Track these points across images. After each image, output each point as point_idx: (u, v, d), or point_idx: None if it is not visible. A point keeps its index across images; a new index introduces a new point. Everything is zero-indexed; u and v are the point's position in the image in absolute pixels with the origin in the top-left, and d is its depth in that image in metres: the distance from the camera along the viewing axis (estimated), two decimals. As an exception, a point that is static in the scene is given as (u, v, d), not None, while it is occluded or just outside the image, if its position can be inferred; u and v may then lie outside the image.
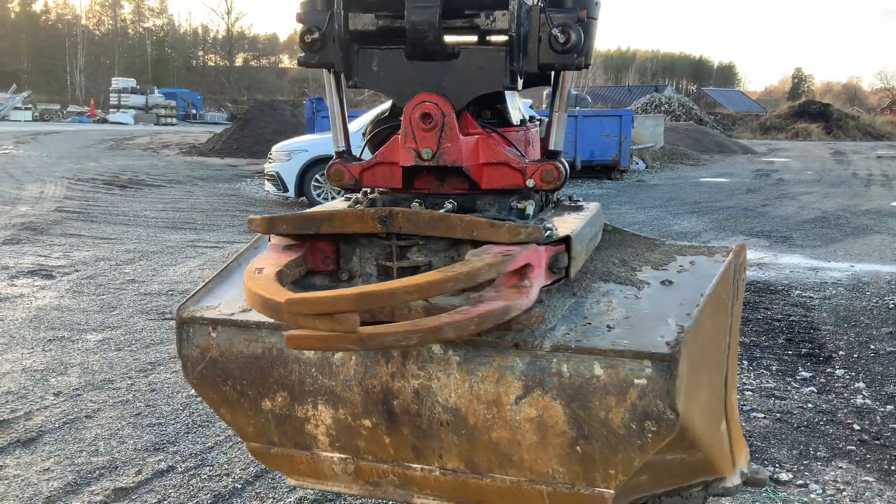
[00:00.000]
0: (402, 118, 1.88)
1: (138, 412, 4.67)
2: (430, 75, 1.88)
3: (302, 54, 1.96)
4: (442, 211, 1.87)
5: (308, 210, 1.96)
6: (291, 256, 1.80)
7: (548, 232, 1.76)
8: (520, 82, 1.91)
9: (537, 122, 2.32)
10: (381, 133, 2.10)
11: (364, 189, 2.11)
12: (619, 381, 1.57)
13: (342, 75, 1.99)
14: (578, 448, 1.64)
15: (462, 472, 1.79)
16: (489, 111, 2.11)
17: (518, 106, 2.20)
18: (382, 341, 1.38)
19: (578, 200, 2.23)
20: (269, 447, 1.99)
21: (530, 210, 1.97)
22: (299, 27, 1.93)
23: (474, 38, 1.94)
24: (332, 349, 1.68)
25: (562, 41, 1.79)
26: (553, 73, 1.98)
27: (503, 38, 1.85)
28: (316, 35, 1.90)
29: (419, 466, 1.83)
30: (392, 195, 2.04)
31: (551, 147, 2.00)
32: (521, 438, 1.67)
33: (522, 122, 2.20)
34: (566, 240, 1.78)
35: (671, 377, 1.55)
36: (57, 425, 4.46)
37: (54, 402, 4.81)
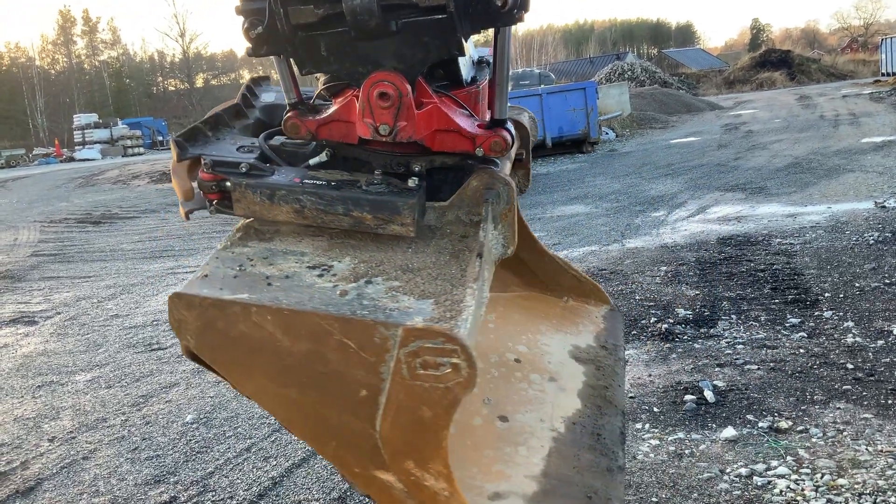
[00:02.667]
0: (359, 88, 1.91)
1: (135, 447, 4.63)
2: (380, 52, 1.91)
3: (249, 46, 1.97)
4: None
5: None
6: None
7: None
8: (465, 46, 1.95)
9: (486, 66, 2.35)
10: (337, 87, 2.12)
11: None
12: None
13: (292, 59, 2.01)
14: None
15: None
16: (442, 71, 2.13)
17: (469, 56, 2.21)
18: None
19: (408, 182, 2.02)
20: None
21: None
22: (241, 20, 1.93)
23: (416, 11, 1.94)
24: None
25: (499, 4, 1.83)
26: (494, 31, 2.00)
27: (444, 7, 1.87)
28: (260, 29, 1.91)
29: None
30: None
31: (497, 116, 2.02)
32: None
33: (474, 79, 2.23)
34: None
35: None
36: (55, 471, 4.41)
37: (50, 447, 4.76)
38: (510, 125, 2.02)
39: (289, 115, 2.05)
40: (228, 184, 1.98)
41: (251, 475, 4.09)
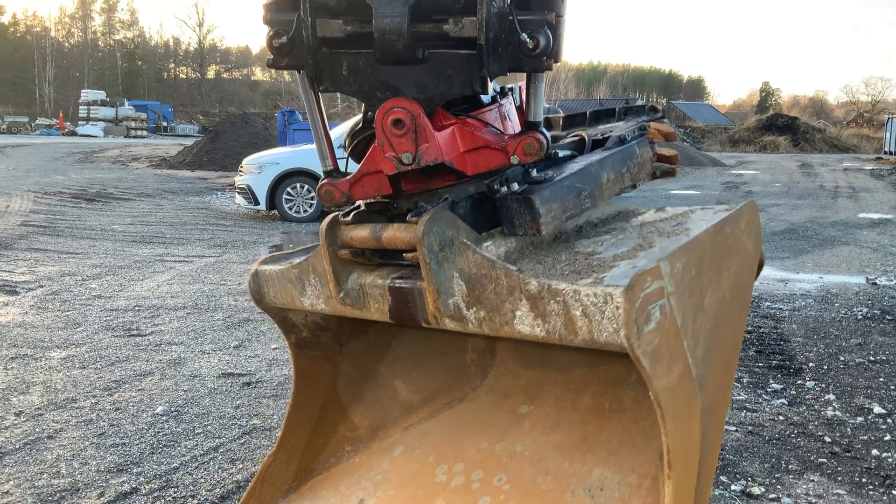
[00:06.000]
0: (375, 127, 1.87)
1: (102, 432, 4.56)
2: (401, 79, 1.87)
3: (271, 56, 1.94)
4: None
5: None
6: None
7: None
8: (489, 85, 1.91)
9: (509, 92, 2.30)
10: (361, 144, 2.08)
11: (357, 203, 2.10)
12: None
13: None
14: None
15: None
16: (460, 98, 2.09)
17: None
18: None
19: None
20: None
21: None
22: (266, 29, 1.91)
23: (444, 42, 1.91)
24: None
25: (531, 46, 1.79)
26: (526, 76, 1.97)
27: (473, 42, 1.83)
28: (284, 39, 1.87)
29: None
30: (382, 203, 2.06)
31: (530, 119, 1.96)
32: None
33: (494, 99, 2.18)
34: None
35: None
36: (17, 446, 4.33)
37: (15, 422, 4.68)
38: (545, 130, 1.94)
39: (323, 182, 2.03)
40: None
41: (216, 476, 4.03)
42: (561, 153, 2.16)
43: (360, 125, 2.08)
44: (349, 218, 2.02)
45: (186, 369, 5.71)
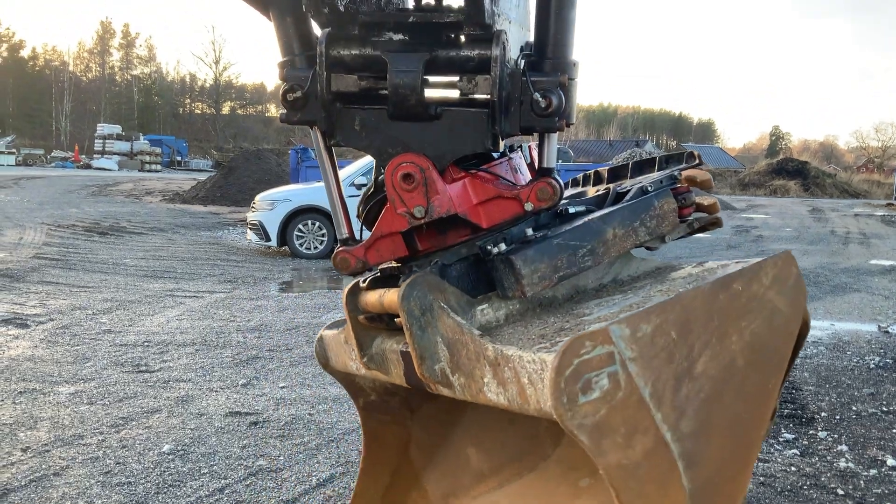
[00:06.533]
0: (385, 188, 1.88)
1: (108, 470, 4.53)
2: (412, 136, 1.88)
3: (284, 111, 1.96)
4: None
5: None
6: None
7: None
8: (501, 144, 1.92)
9: (518, 149, 2.32)
10: (373, 209, 2.08)
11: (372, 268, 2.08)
12: None
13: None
14: None
15: None
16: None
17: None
18: None
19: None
20: None
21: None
22: (281, 84, 1.94)
23: (457, 100, 1.93)
24: None
25: (543, 106, 1.80)
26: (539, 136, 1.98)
27: (486, 100, 1.85)
28: (298, 94, 1.90)
29: None
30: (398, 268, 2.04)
31: (543, 165, 1.97)
32: None
33: (504, 153, 2.18)
34: None
35: None
36: (23, 483, 4.31)
37: (22, 458, 4.66)
38: (558, 176, 1.95)
39: (338, 250, 2.01)
40: None
41: (221, 517, 3.99)
42: (572, 209, 2.13)
43: (372, 189, 2.09)
44: (366, 283, 2.02)
45: (194, 407, 5.69)
